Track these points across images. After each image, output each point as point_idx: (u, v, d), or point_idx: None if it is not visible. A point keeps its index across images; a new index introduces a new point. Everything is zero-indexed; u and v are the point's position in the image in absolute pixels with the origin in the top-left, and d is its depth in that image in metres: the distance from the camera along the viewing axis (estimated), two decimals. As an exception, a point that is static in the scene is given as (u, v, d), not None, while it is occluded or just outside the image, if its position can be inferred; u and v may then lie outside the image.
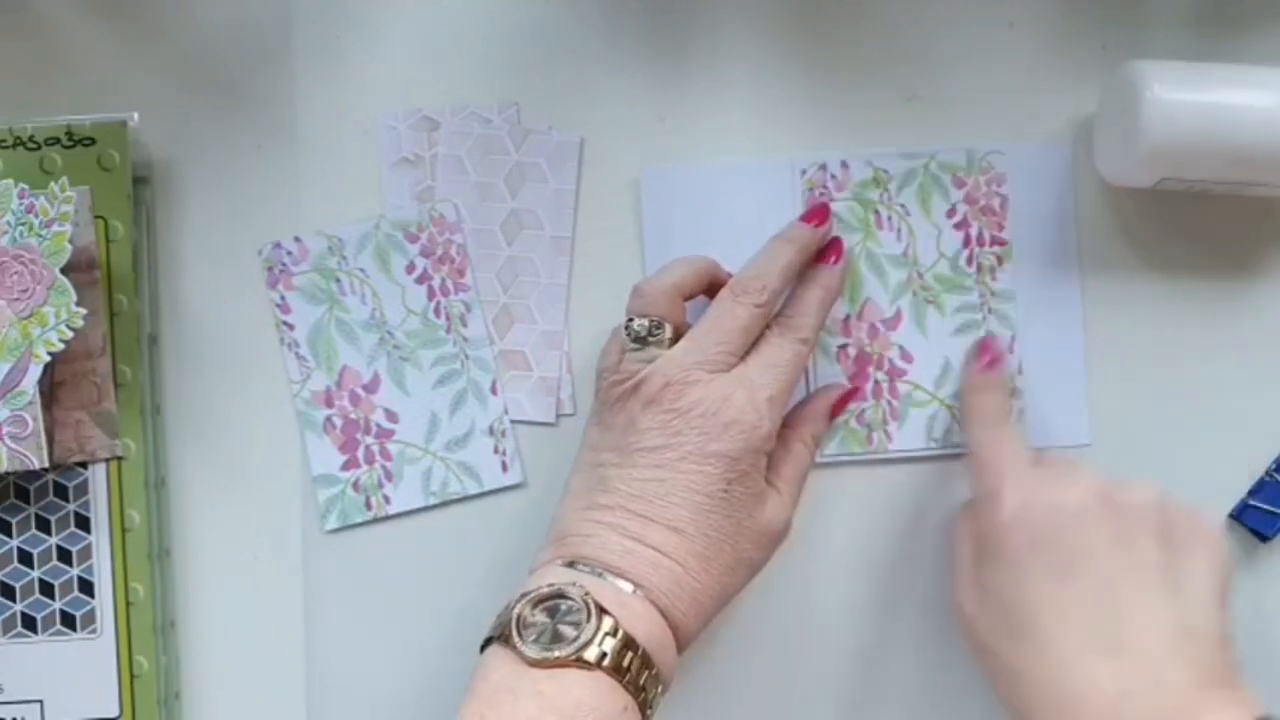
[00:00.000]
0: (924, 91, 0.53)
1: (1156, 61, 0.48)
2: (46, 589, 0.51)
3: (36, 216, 0.49)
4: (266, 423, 0.53)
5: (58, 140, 0.51)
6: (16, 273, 0.48)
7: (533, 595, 0.44)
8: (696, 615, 0.45)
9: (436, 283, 0.53)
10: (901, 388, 0.52)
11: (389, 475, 0.53)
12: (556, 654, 0.42)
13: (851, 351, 0.52)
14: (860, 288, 0.52)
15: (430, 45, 0.53)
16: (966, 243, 0.52)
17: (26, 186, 0.49)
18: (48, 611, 0.51)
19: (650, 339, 0.48)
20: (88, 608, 0.51)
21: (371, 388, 0.53)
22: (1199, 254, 0.52)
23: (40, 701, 0.51)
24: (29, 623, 0.51)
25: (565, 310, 0.53)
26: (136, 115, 0.51)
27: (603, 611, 0.43)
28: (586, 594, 0.43)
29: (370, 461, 0.53)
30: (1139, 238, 0.52)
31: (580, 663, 0.42)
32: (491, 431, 0.53)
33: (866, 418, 0.52)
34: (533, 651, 0.42)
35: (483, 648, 0.44)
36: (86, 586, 0.51)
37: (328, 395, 0.53)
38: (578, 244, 0.53)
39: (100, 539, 0.51)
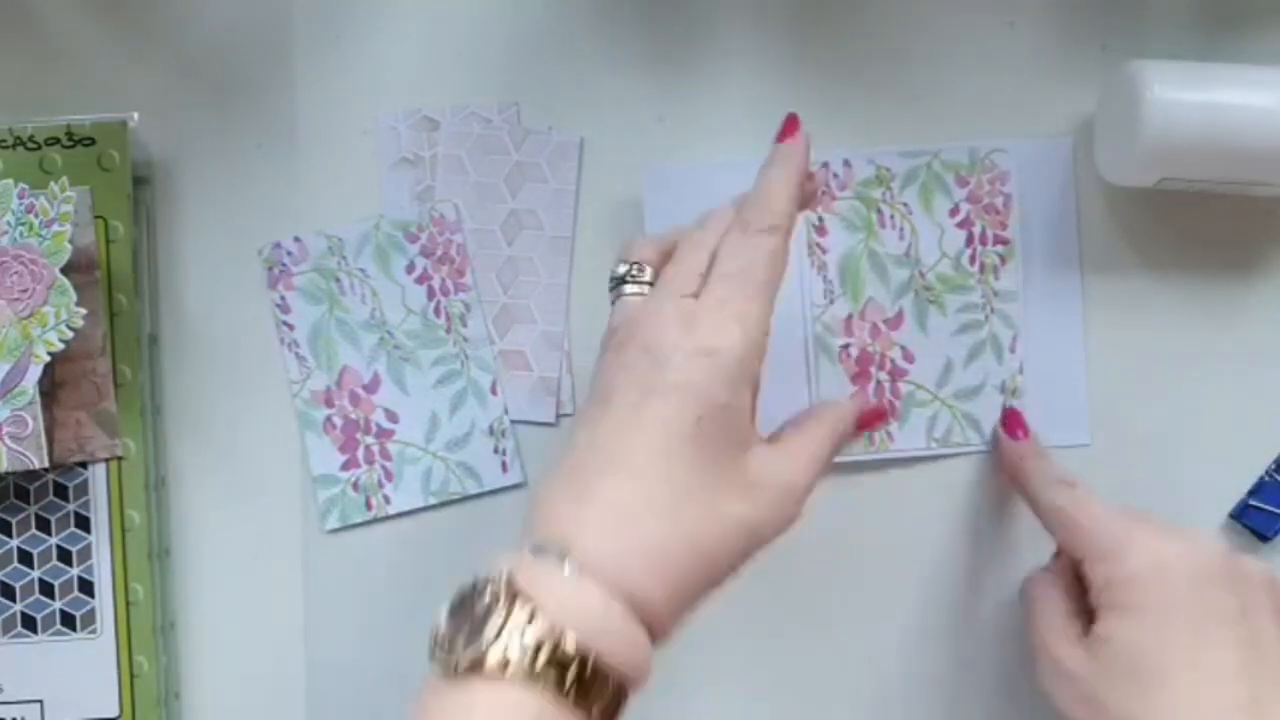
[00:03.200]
0: (924, 91, 0.53)
1: (1156, 61, 0.48)
2: (46, 589, 0.51)
3: (36, 216, 0.49)
4: (266, 423, 0.53)
5: (58, 140, 0.51)
6: (16, 273, 0.48)
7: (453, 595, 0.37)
8: (665, 582, 0.37)
9: (436, 283, 0.53)
10: (903, 388, 0.52)
11: (389, 475, 0.53)
12: (454, 657, 0.34)
13: (853, 351, 0.52)
14: (862, 287, 0.52)
15: (430, 45, 0.53)
16: (969, 242, 0.52)
17: (26, 186, 0.49)
18: (48, 611, 0.51)
19: (628, 280, 0.43)
20: (88, 608, 0.51)
21: (371, 388, 0.53)
22: (1199, 254, 0.52)
23: (40, 701, 0.51)
24: (29, 623, 0.51)
25: (565, 310, 0.53)
26: (136, 115, 0.51)
27: (514, 598, 0.35)
28: (501, 578, 0.35)
29: (370, 461, 0.53)
30: (1139, 238, 0.52)
31: (483, 669, 0.34)
32: (491, 431, 0.53)
33: None
34: (436, 663, 0.35)
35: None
36: (86, 586, 0.51)
37: (328, 395, 0.53)
38: (578, 244, 0.53)
39: (100, 539, 0.51)
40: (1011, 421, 0.51)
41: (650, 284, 0.43)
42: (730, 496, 0.39)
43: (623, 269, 0.44)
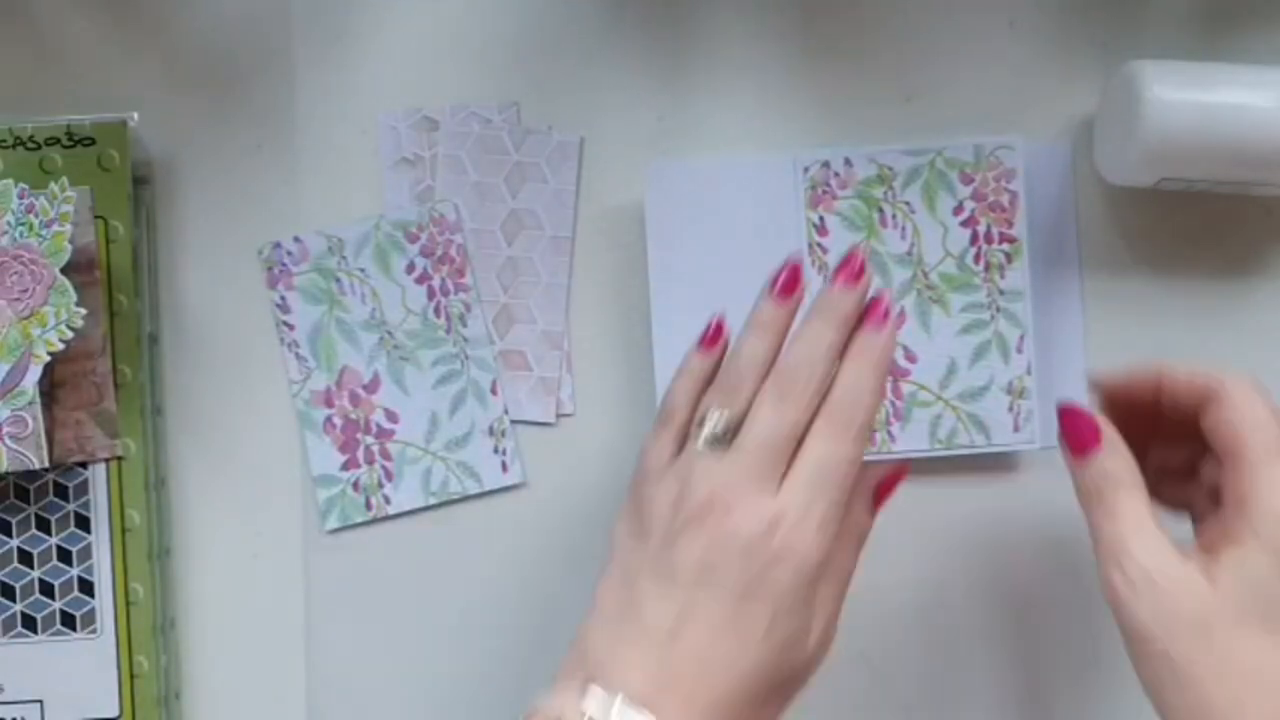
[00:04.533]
0: (924, 91, 0.53)
1: (1156, 61, 0.48)
2: (46, 589, 0.51)
3: (36, 216, 0.49)
4: (266, 423, 0.53)
5: (58, 140, 0.51)
6: (16, 273, 0.48)
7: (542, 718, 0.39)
8: None
9: (436, 283, 0.53)
10: (905, 388, 0.52)
11: (389, 475, 0.53)
12: None
13: None
14: None
15: (430, 45, 0.53)
16: (974, 240, 0.51)
17: (26, 186, 0.49)
18: (48, 611, 0.51)
19: (725, 441, 0.42)
20: (88, 608, 0.51)
21: (371, 388, 0.53)
22: (1199, 254, 0.52)
23: (40, 701, 0.51)
24: (29, 623, 0.51)
25: (565, 310, 0.53)
26: (136, 115, 0.51)
27: None
28: None
29: (370, 461, 0.53)
30: (1139, 238, 0.52)
31: None
32: (491, 431, 0.53)
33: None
34: None
35: None
36: (86, 586, 0.51)
37: (328, 395, 0.53)
38: (578, 244, 0.53)
39: (100, 539, 0.51)
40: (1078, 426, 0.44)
41: (725, 440, 0.43)
42: (782, 682, 0.42)
43: (719, 421, 0.43)
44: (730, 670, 0.40)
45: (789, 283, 0.44)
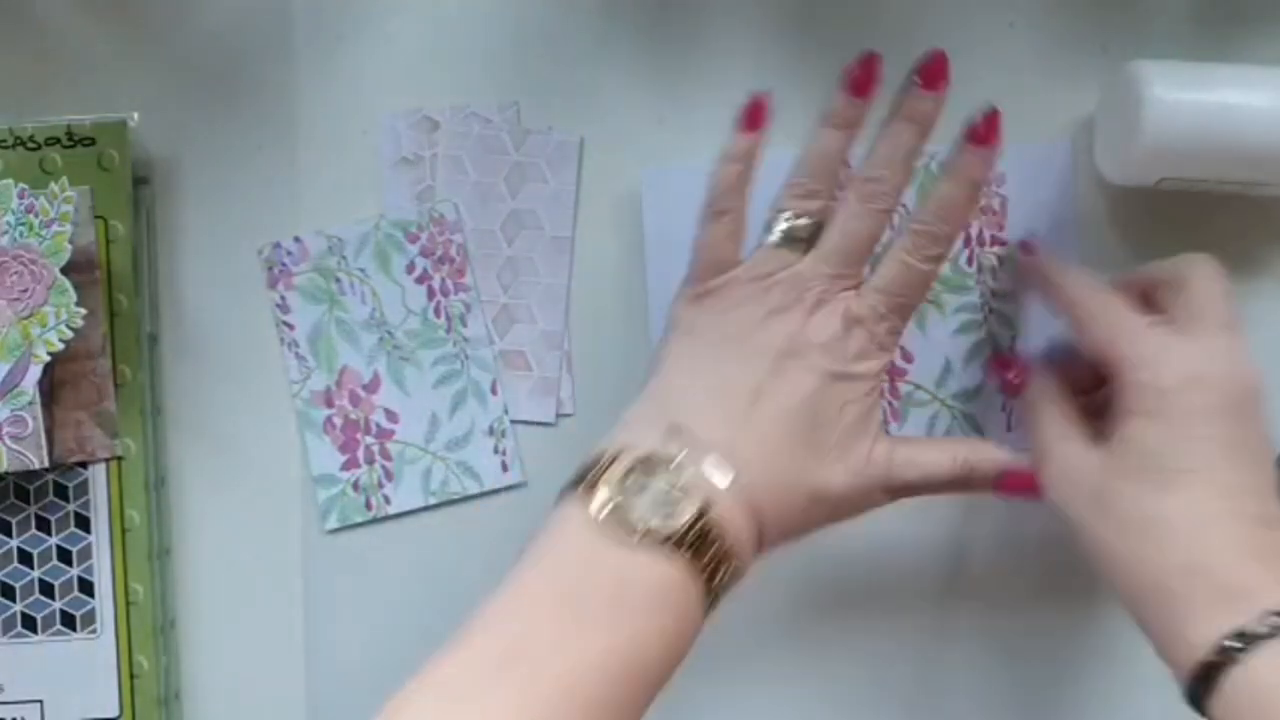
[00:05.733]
0: (924, 91, 0.53)
1: (1156, 61, 0.48)
2: (46, 589, 0.51)
3: (36, 216, 0.49)
4: (266, 423, 0.53)
5: (58, 140, 0.51)
6: (16, 273, 0.48)
7: (632, 455, 0.41)
8: (780, 530, 0.43)
9: (436, 283, 0.53)
10: (902, 388, 0.52)
11: (389, 475, 0.53)
12: (648, 527, 0.40)
13: None
14: None
15: (430, 45, 0.53)
16: (967, 243, 0.52)
17: (26, 186, 0.49)
18: (48, 611, 0.51)
19: (803, 239, 0.46)
20: (88, 608, 0.51)
21: (371, 388, 0.53)
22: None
23: (40, 701, 0.51)
24: (29, 623, 0.51)
25: (565, 310, 0.53)
26: (136, 115, 0.51)
27: (700, 494, 0.40)
28: (689, 470, 0.41)
29: (370, 461, 0.53)
30: (1139, 238, 0.52)
31: (669, 543, 0.40)
32: (491, 431, 0.53)
33: None
34: (617, 520, 0.40)
35: (561, 495, 0.43)
36: (86, 586, 0.51)
37: (328, 395, 0.53)
38: (578, 244, 0.53)
39: (100, 539, 0.51)
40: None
41: (808, 241, 0.45)
42: (839, 468, 0.44)
43: (801, 226, 0.46)
44: (798, 433, 0.43)
45: (863, 79, 0.46)
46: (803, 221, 0.46)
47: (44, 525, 0.51)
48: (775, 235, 0.46)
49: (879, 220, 0.45)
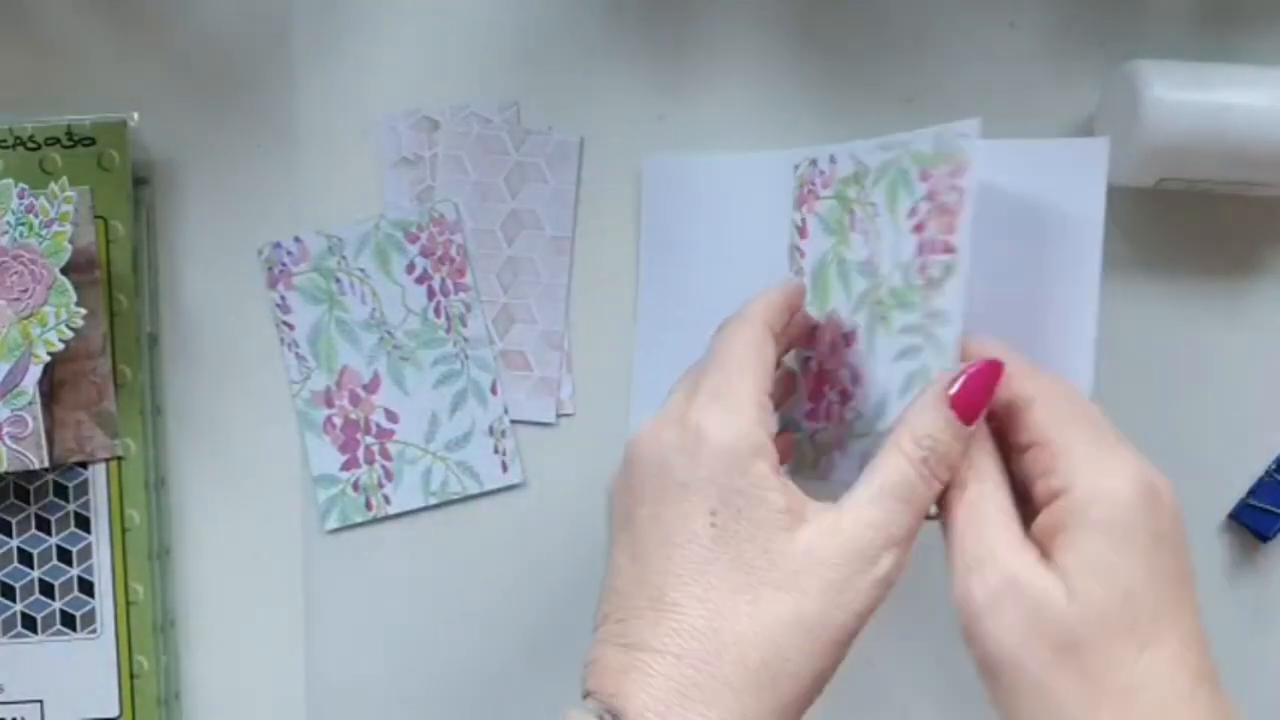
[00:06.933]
0: (924, 91, 0.53)
1: (1156, 61, 0.48)
2: (46, 589, 0.51)
3: (36, 216, 0.49)
4: (266, 423, 0.53)
5: (58, 140, 0.51)
6: (16, 273, 0.48)
7: None
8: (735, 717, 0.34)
9: (436, 283, 0.53)
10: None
11: (389, 475, 0.53)
12: None
13: (813, 366, 0.46)
14: (828, 297, 0.45)
15: (430, 45, 0.53)
16: (920, 250, 0.42)
17: (26, 186, 0.49)
18: (48, 611, 0.51)
19: None
20: (88, 608, 0.51)
21: (371, 388, 0.53)
22: (1199, 254, 0.52)
23: (40, 701, 0.51)
24: (29, 623, 0.51)
25: (565, 310, 0.53)
26: (136, 115, 0.51)
27: None
28: None
29: (370, 461, 0.53)
30: (1139, 238, 0.52)
31: None
32: (491, 431, 0.53)
33: (818, 439, 0.46)
34: None
35: None
36: (86, 586, 0.51)
37: (328, 395, 0.53)
38: (578, 244, 0.53)
39: (100, 539, 0.51)
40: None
41: None
42: (767, 595, 0.35)
43: None
44: (688, 594, 0.36)
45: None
46: None
47: (44, 525, 0.51)
48: None
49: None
